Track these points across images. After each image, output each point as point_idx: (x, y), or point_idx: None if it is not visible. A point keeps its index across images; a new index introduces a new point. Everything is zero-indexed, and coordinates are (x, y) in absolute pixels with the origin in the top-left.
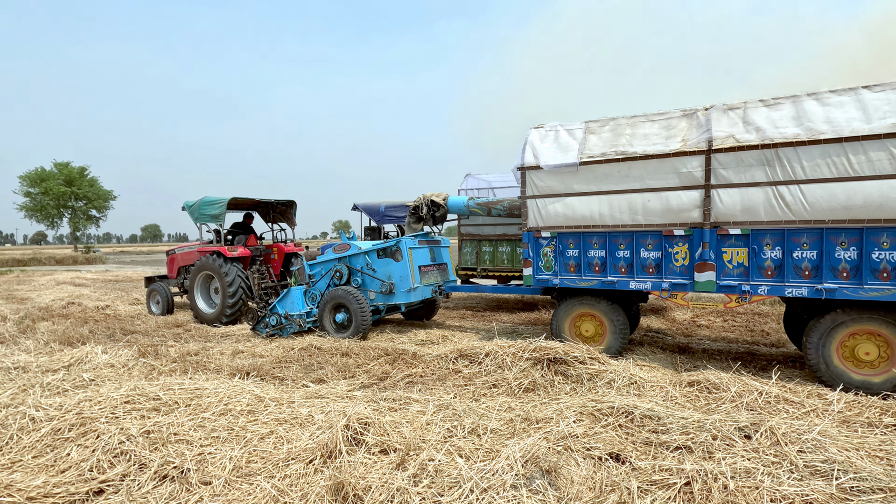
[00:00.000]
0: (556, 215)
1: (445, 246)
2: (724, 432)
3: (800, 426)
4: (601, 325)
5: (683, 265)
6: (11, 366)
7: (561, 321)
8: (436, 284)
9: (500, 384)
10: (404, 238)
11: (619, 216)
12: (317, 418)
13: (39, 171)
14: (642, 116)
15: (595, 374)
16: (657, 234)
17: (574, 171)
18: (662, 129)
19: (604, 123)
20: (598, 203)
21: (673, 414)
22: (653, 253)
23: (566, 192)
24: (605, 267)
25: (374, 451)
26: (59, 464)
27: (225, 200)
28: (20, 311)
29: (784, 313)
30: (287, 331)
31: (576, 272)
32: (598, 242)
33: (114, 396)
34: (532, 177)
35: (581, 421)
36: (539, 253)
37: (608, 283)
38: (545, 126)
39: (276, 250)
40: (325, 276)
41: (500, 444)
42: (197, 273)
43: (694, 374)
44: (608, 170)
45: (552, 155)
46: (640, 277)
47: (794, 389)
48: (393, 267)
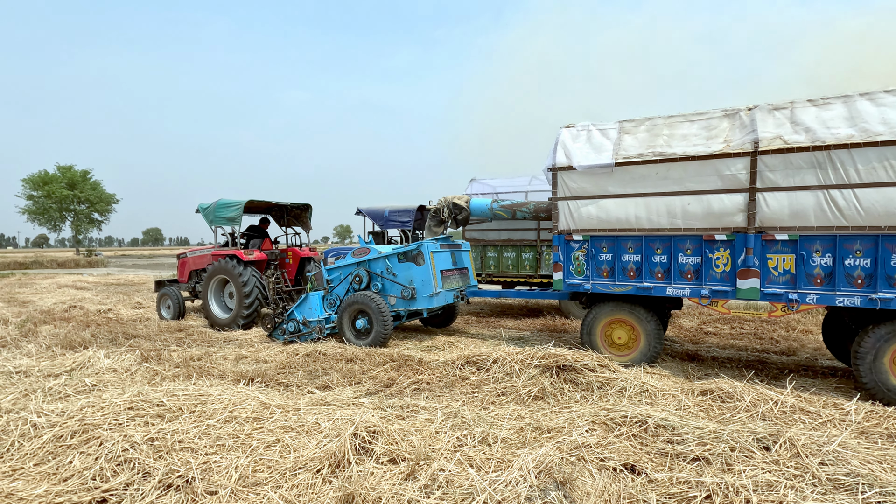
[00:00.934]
0: (588, 218)
1: (466, 250)
2: (741, 443)
3: (819, 437)
4: (634, 333)
5: (725, 271)
6: (13, 370)
7: (591, 327)
8: (457, 289)
9: (508, 392)
10: (426, 241)
11: (656, 219)
12: (323, 426)
13: (42, 174)
14: (680, 116)
15: (605, 382)
16: (697, 239)
17: (609, 172)
18: (702, 129)
19: (639, 123)
20: (634, 206)
21: (687, 424)
22: (692, 258)
23: (600, 194)
24: (641, 272)
25: (383, 461)
26: (62, 472)
27: (241, 203)
28: (22, 314)
29: (823, 322)
30: (305, 337)
31: (609, 277)
32: (633, 246)
33: (117, 402)
34: (564, 178)
35: (594, 430)
36: (570, 256)
37: (644, 289)
38: (576, 125)
39: (290, 255)
40: (343, 280)
41: (512, 454)
42: (212, 277)
43: (706, 383)
44: (645, 171)
45: (585, 155)
46: (677, 283)
47: (810, 399)
48: (414, 271)
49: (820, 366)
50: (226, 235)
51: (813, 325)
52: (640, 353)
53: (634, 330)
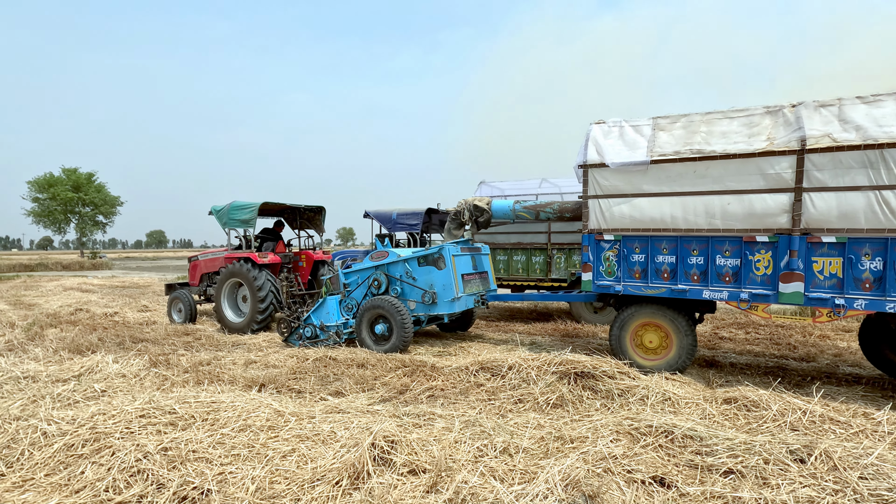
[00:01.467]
0: (621, 217)
1: (486, 253)
2: (775, 455)
3: (854, 449)
4: (667, 337)
5: (766, 274)
6: (21, 375)
7: (621, 330)
8: (478, 294)
9: (525, 399)
10: (447, 245)
11: (693, 219)
12: (340, 435)
13: (48, 176)
14: (718, 113)
15: (626, 389)
16: (736, 240)
17: (644, 169)
18: (743, 126)
19: (674, 120)
20: (669, 205)
21: (716, 434)
22: (730, 260)
23: (634, 193)
24: (676, 274)
25: (403, 472)
26: (74, 483)
27: (256, 205)
28: (28, 317)
29: (861, 329)
30: (323, 343)
31: (641, 279)
32: (667, 247)
33: (128, 410)
34: (595, 175)
35: (618, 441)
36: (600, 257)
37: (679, 292)
38: (608, 121)
39: (304, 258)
40: (361, 284)
41: (535, 465)
42: (225, 280)
43: (729, 391)
44: (682, 169)
45: (618, 152)
46: (715, 286)
47: (838, 408)
48: (435, 275)
49: (842, 373)
50: (239, 238)
51: (830, 331)
52: (673, 357)
53: (666, 334)
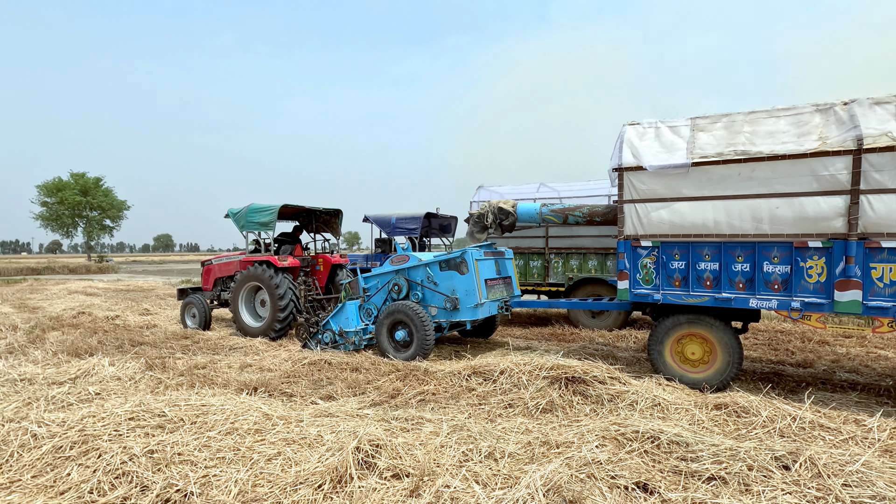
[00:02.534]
0: (659, 222)
1: (510, 258)
2: (759, 462)
3: (841, 456)
4: (710, 348)
5: (819, 282)
6: (18, 377)
7: (660, 341)
8: (502, 299)
9: (516, 404)
10: (470, 249)
11: (738, 224)
12: (326, 439)
13: (56, 181)
14: (762, 112)
15: (616, 394)
16: (786, 246)
17: (684, 172)
18: (791, 125)
19: (714, 120)
20: (712, 209)
21: (702, 440)
22: (779, 267)
23: (673, 197)
24: (719, 281)
25: (387, 476)
26: (59, 485)
27: (276, 208)
28: (31, 320)
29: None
30: (342, 348)
31: (682, 287)
32: (710, 253)
33: (118, 412)
34: (631, 179)
35: (604, 446)
36: (637, 264)
37: (723, 301)
38: (643, 122)
39: (321, 261)
40: (381, 289)
41: (519, 470)
42: (243, 284)
43: (720, 396)
44: (726, 171)
45: (655, 154)
46: (762, 294)
47: (830, 415)
48: (457, 280)
49: (839, 379)
50: (259, 241)
51: (829, 337)
52: (718, 369)
53: (711, 346)
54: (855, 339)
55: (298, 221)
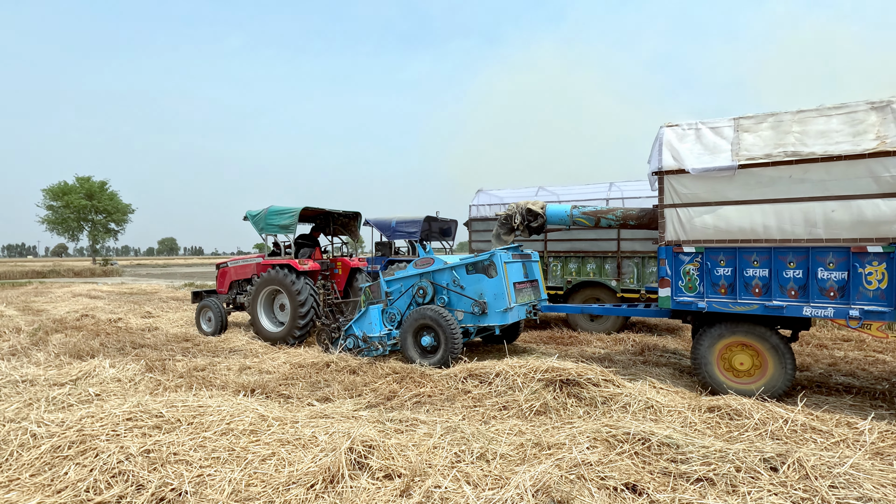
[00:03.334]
0: (703, 227)
1: (536, 260)
2: (748, 463)
3: (830, 458)
4: (760, 359)
5: (879, 289)
6: (20, 379)
7: (706, 351)
8: (529, 304)
9: (510, 406)
10: (498, 251)
11: (789, 229)
12: (320, 439)
13: (62, 185)
14: (812, 111)
15: (609, 397)
16: (843, 251)
17: (730, 175)
18: (844, 125)
19: (760, 120)
20: (760, 213)
21: (692, 442)
22: (836, 273)
23: (718, 201)
24: (769, 289)
25: (379, 476)
26: (56, 483)
27: (296, 210)
28: (35, 322)
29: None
30: (365, 354)
31: (728, 294)
32: (759, 259)
33: (116, 413)
34: (672, 182)
35: (595, 447)
36: (680, 271)
37: (774, 309)
38: (682, 124)
39: (339, 265)
40: (405, 293)
41: (510, 471)
42: (262, 288)
43: (714, 399)
44: (775, 174)
45: (698, 157)
46: (817, 302)
47: (822, 417)
48: (485, 284)
49: (834, 382)
50: (278, 244)
51: (828, 340)
52: (770, 380)
53: (761, 356)
54: (853, 343)
55: (316, 224)
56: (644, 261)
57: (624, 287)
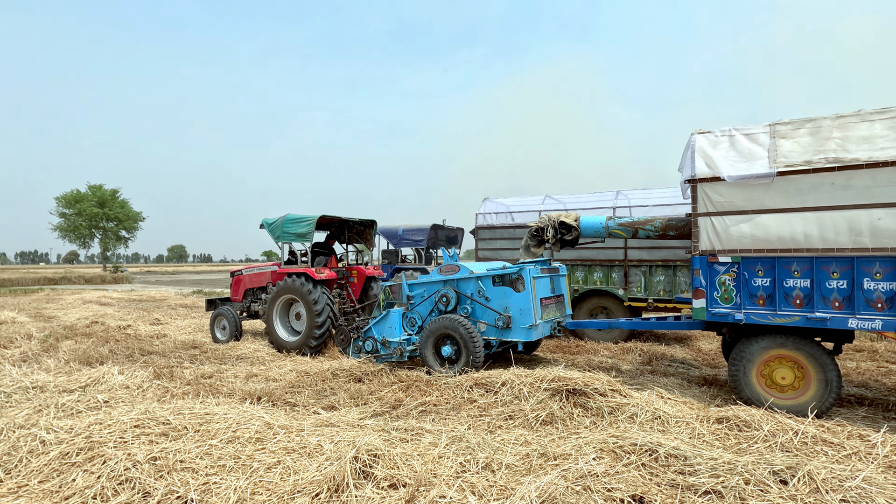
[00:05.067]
0: (740, 236)
1: (564, 274)
2: (757, 476)
3: (841, 471)
4: (803, 373)
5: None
6: (30, 385)
7: (746, 364)
8: (554, 320)
9: (516, 415)
10: (527, 265)
11: (832, 237)
12: (325, 448)
13: (74, 193)
14: (853, 116)
15: (616, 407)
16: (891, 261)
17: (768, 182)
18: (889, 129)
19: (798, 126)
20: (801, 221)
21: (700, 453)
22: (883, 284)
23: (755, 209)
24: (811, 300)
25: (384, 486)
26: (64, 490)
27: (314, 218)
28: (46, 329)
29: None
30: (383, 359)
31: (767, 305)
32: (800, 270)
33: (124, 420)
34: (707, 190)
35: (601, 458)
36: (715, 282)
37: (817, 321)
38: (714, 131)
39: (355, 273)
40: (427, 299)
41: (515, 482)
42: (278, 296)
43: (722, 410)
44: (816, 181)
45: (733, 164)
46: (863, 314)
47: (833, 429)
48: (512, 298)
49: (846, 393)
50: (294, 252)
51: None
52: (815, 394)
53: (804, 370)
54: (865, 354)
55: (331, 232)
56: (651, 269)
57: (631, 296)
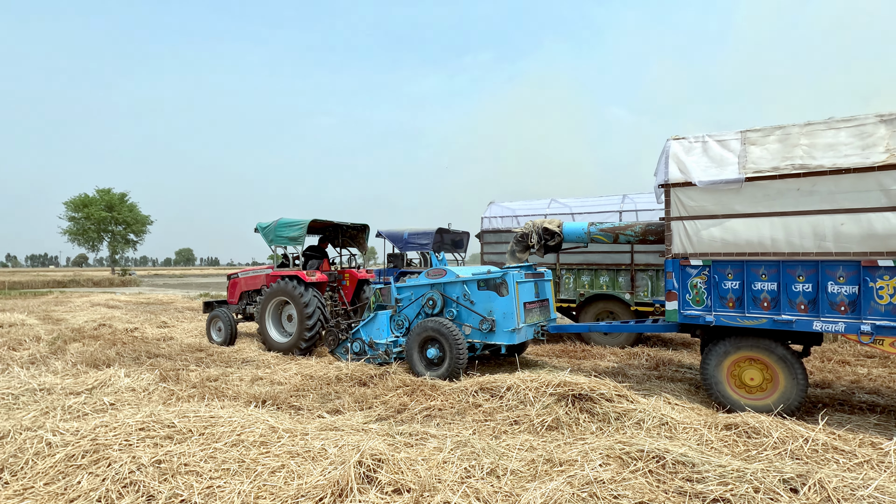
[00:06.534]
0: (710, 240)
1: (548, 279)
2: (766, 484)
3: (853, 480)
4: (771, 374)
5: (892, 304)
6: (37, 387)
7: (715, 366)
8: (538, 324)
9: (521, 420)
10: (511, 270)
11: (798, 242)
12: (330, 452)
13: (83, 197)
14: (821, 124)
15: (623, 412)
16: (853, 265)
17: (737, 188)
18: (853, 137)
19: (767, 133)
20: (768, 226)
21: (709, 460)
22: (846, 287)
23: (725, 213)
24: (778, 303)
25: (387, 491)
26: (69, 492)
27: (305, 222)
28: (54, 331)
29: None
30: (371, 360)
31: (736, 308)
32: (767, 273)
33: (129, 423)
34: (679, 195)
35: (608, 465)
36: (687, 284)
37: (783, 323)
38: (688, 137)
39: (347, 277)
40: (414, 302)
41: (521, 488)
42: (270, 298)
43: (731, 416)
44: (783, 186)
45: (704, 169)
46: (827, 317)
47: (845, 437)
48: (496, 302)
49: (857, 400)
50: (287, 256)
51: (850, 356)
52: (781, 395)
53: (771, 371)
54: (877, 360)
55: (324, 236)
56: (658, 274)
57: (638, 300)
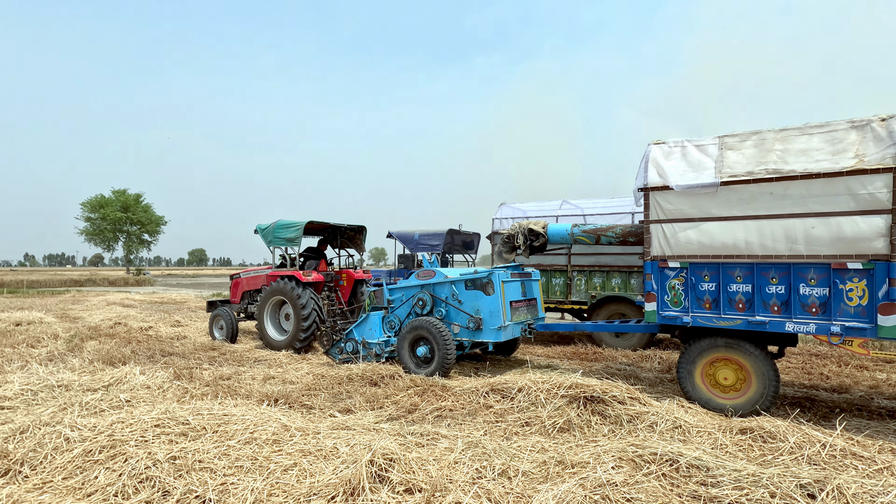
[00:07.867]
0: (687, 243)
1: (536, 279)
2: (783, 489)
3: (872, 486)
4: (744, 373)
5: (860, 305)
6: (56, 384)
7: (690, 366)
8: (525, 322)
9: (533, 422)
10: (497, 270)
11: (771, 245)
12: (341, 451)
13: (99, 197)
14: (794, 129)
15: (636, 415)
16: (823, 267)
17: (713, 192)
18: (825, 143)
19: (744, 138)
20: (743, 229)
21: (724, 465)
22: (817, 289)
23: (701, 217)
24: (752, 304)
25: (399, 490)
26: (87, 487)
27: (301, 224)
28: (71, 329)
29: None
30: (362, 359)
31: (712, 309)
32: (742, 275)
33: (145, 419)
34: (657, 199)
35: (620, 468)
36: (665, 286)
37: (757, 324)
38: (668, 141)
39: (344, 277)
40: (405, 302)
41: (532, 489)
42: (268, 298)
43: (746, 420)
44: (757, 190)
45: (682, 174)
46: (799, 318)
47: (863, 443)
48: (483, 301)
49: (876, 405)
50: (284, 256)
51: (869, 361)
52: (753, 395)
53: (745, 371)
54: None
55: (323, 237)
56: None
57: None
